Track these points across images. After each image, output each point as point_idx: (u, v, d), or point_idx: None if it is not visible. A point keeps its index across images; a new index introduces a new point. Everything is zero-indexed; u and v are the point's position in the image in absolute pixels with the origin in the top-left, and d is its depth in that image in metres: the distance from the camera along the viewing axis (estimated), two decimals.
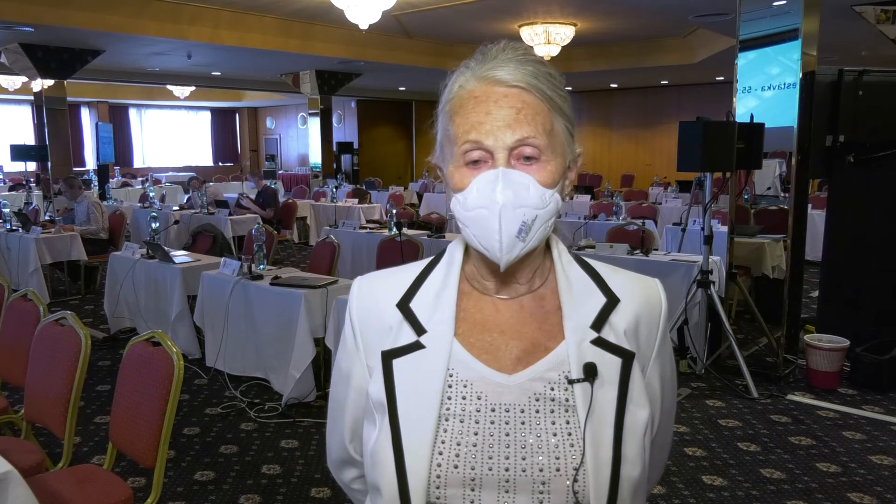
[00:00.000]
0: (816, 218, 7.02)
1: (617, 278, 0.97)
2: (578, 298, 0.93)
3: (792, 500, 3.03)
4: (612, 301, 0.93)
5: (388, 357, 0.92)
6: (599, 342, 0.90)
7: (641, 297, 0.96)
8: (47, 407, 2.57)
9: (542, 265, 0.95)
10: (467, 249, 0.96)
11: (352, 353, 0.98)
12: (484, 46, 0.91)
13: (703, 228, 4.53)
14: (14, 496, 1.72)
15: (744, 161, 4.41)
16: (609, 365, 0.89)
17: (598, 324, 0.91)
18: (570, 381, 0.88)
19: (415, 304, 0.94)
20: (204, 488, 3.19)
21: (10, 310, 3.18)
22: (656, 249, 5.89)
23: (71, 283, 7.26)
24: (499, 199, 0.84)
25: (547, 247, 0.96)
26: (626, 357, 0.90)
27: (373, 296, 0.98)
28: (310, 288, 4.13)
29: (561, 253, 0.97)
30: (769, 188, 8.55)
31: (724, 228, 5.22)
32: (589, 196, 10.46)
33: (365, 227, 7.30)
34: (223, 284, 4.52)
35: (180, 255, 5.33)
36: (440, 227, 7.02)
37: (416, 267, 0.99)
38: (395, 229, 6.10)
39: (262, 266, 4.62)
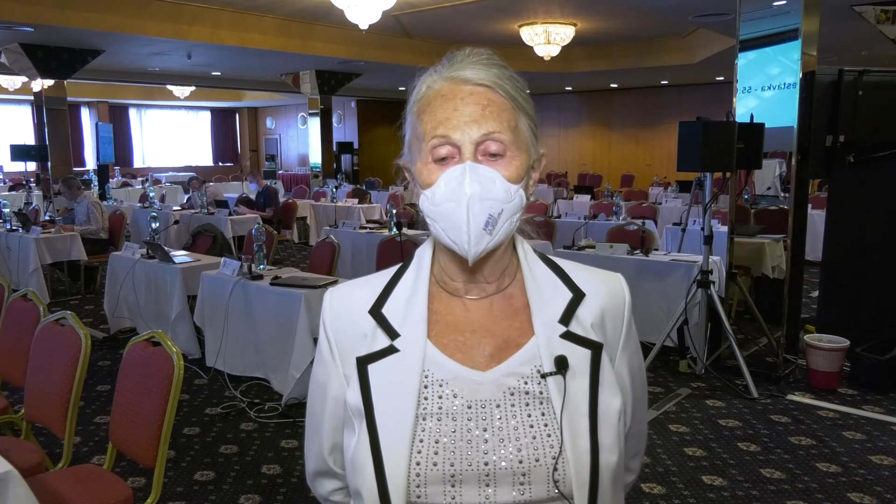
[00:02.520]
0: (816, 218, 7.01)
1: (581, 274, 1.00)
2: (545, 295, 0.96)
3: (792, 500, 3.03)
4: (577, 296, 0.96)
5: (363, 363, 0.93)
6: (568, 335, 0.93)
7: (606, 290, 0.99)
8: (47, 407, 2.57)
9: (509, 265, 0.98)
10: (435, 253, 0.98)
11: (328, 363, 1.00)
12: (450, 53, 0.94)
13: (703, 228, 4.53)
14: (14, 496, 1.72)
15: (744, 161, 4.41)
16: (579, 357, 0.92)
17: (566, 318, 0.94)
18: (543, 375, 0.90)
19: (387, 310, 0.96)
20: (204, 488, 3.19)
21: (10, 310, 3.18)
22: (656, 249, 5.88)
23: (71, 283, 7.26)
24: (467, 192, 0.86)
25: (513, 247, 0.99)
26: (595, 348, 0.93)
27: (345, 305, 1.00)
28: (310, 288, 4.13)
29: (526, 252, 0.99)
30: (769, 188, 8.54)
31: (724, 228, 5.22)
32: (589, 196, 10.46)
33: (365, 227, 7.30)
34: (223, 284, 4.52)
35: (180, 255, 5.33)
36: None
37: (387, 274, 1.01)
38: (395, 229, 6.10)
39: (262, 266, 4.62)
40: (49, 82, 10.41)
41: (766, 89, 4.77)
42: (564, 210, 9.14)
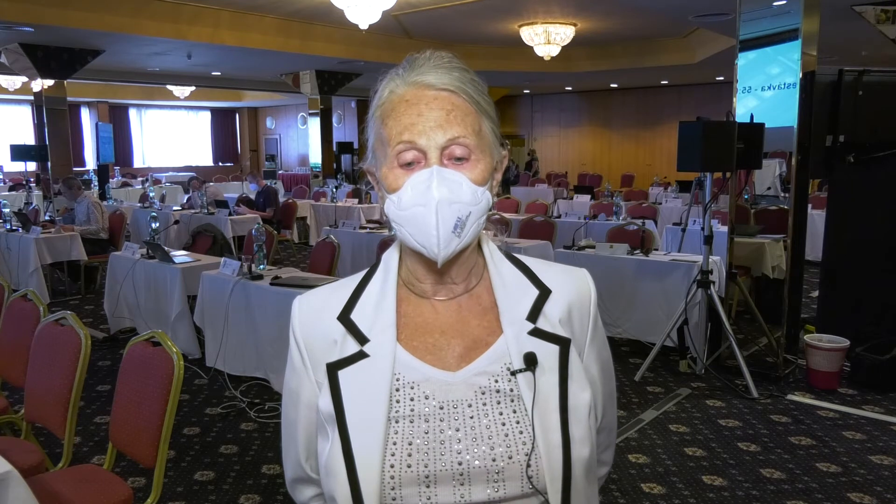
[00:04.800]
0: (816, 218, 7.02)
1: (547, 271, 1.01)
2: (512, 293, 0.96)
3: (792, 500, 3.03)
4: (544, 293, 0.97)
5: (334, 369, 0.93)
6: (536, 332, 0.94)
7: (572, 286, 1.00)
8: (47, 407, 2.57)
9: (475, 265, 0.98)
10: (402, 257, 0.99)
11: (299, 370, 1.00)
12: (410, 56, 0.94)
13: (703, 228, 4.53)
14: (14, 496, 1.72)
15: (744, 161, 4.41)
16: (548, 353, 0.93)
17: (534, 315, 0.95)
18: (513, 372, 0.91)
19: (355, 315, 0.96)
20: (204, 488, 3.19)
21: (10, 310, 3.18)
22: (656, 249, 5.89)
23: (71, 283, 7.26)
24: (435, 195, 0.87)
25: (479, 246, 1.00)
26: (563, 344, 0.94)
27: (314, 312, 1.01)
28: (310, 288, 4.11)
29: (492, 252, 1.00)
30: (769, 188, 8.54)
31: (724, 228, 5.22)
32: (589, 196, 10.46)
33: (365, 227, 7.30)
34: (223, 284, 4.52)
35: (180, 255, 5.33)
36: None
37: (354, 279, 1.02)
38: None
39: (262, 266, 4.62)
40: (49, 82, 10.41)
41: (766, 89, 4.77)
42: (564, 210, 9.13)
